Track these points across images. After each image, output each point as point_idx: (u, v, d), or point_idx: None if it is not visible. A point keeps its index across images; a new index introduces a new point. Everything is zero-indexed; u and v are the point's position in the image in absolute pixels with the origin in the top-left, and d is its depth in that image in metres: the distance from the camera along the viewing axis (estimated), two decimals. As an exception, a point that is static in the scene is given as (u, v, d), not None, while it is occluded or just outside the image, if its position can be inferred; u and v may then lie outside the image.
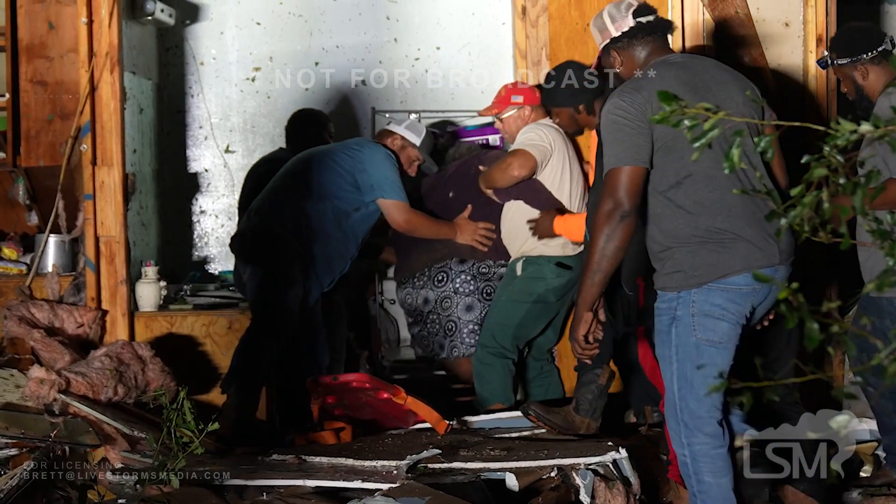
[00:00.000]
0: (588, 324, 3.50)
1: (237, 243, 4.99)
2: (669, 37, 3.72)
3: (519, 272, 4.96)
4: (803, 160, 3.29)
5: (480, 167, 5.19)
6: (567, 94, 4.78)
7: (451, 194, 5.30)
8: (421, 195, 5.39)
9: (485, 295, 5.19)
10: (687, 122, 1.91)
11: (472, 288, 5.20)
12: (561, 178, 4.95)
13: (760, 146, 1.99)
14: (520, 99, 5.13)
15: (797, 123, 3.22)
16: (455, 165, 5.43)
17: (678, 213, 3.38)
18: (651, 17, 3.61)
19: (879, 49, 4.09)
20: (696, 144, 1.93)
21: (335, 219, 4.94)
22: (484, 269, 5.22)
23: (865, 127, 1.88)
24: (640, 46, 3.60)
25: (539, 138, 4.93)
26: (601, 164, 3.63)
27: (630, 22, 3.60)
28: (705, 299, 3.35)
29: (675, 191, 3.38)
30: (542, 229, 4.90)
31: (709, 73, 3.53)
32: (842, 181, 1.90)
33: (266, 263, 4.84)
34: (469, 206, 5.21)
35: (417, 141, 5.19)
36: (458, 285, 5.20)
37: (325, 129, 5.65)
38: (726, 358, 3.38)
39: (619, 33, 3.61)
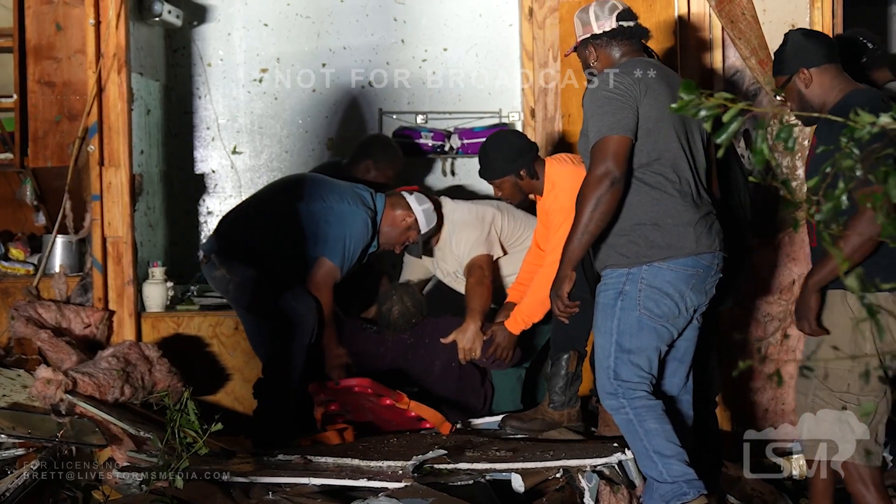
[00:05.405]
0: (571, 282, 3.68)
1: (203, 269, 4.94)
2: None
3: None
4: (818, 150, 3.28)
5: (446, 340, 4.79)
6: (507, 161, 4.51)
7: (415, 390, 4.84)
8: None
9: None
10: (704, 112, 2.00)
11: None
12: (518, 229, 4.97)
13: (785, 141, 2.06)
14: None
15: (815, 115, 3.23)
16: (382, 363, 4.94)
17: (643, 189, 3.61)
18: (632, 23, 3.84)
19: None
20: (720, 140, 2.00)
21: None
22: None
23: (885, 119, 1.91)
24: (618, 48, 3.83)
25: (480, 234, 4.86)
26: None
27: (613, 23, 3.81)
28: (654, 276, 3.58)
29: (645, 169, 3.61)
30: (503, 345, 4.68)
31: (674, 80, 3.74)
32: (859, 173, 1.93)
33: (235, 271, 4.77)
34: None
35: (425, 229, 4.89)
36: None
37: (379, 170, 5.30)
38: (664, 337, 3.62)
39: (601, 31, 3.82)
